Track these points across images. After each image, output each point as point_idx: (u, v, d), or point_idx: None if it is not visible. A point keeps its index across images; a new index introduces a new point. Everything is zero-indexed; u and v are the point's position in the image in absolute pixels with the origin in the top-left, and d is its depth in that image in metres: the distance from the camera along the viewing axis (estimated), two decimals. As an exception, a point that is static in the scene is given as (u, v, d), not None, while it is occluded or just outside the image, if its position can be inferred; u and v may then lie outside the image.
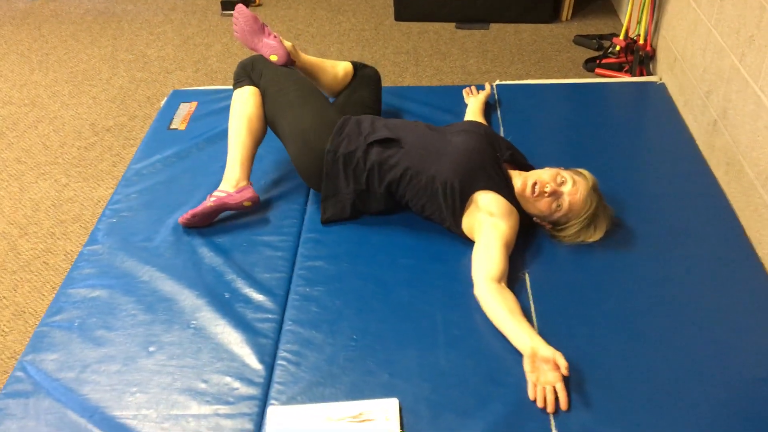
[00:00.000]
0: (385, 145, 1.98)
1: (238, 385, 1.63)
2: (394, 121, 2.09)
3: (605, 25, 3.82)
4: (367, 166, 1.97)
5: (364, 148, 1.97)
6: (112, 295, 1.89)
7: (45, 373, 1.68)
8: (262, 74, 2.18)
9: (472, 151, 1.93)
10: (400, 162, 1.95)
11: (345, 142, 2.00)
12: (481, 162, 1.91)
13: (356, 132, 2.02)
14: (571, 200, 1.88)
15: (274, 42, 2.19)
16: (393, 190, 1.99)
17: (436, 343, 1.68)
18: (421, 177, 1.93)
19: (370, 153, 1.97)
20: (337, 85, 2.38)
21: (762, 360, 1.61)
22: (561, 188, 1.89)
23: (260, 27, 2.21)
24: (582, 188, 1.89)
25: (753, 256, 1.91)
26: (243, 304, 1.84)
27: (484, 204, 1.87)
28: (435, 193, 1.92)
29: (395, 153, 1.96)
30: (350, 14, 4.13)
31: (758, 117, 1.98)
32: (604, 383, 1.56)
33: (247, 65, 2.21)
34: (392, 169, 1.96)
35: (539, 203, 1.90)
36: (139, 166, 2.41)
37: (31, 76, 3.59)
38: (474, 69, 3.46)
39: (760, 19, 1.98)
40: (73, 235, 2.50)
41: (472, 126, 2.07)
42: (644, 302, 1.78)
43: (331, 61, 2.40)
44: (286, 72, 2.20)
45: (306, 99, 2.12)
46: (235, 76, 2.23)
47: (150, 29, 4.06)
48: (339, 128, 2.03)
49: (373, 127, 2.04)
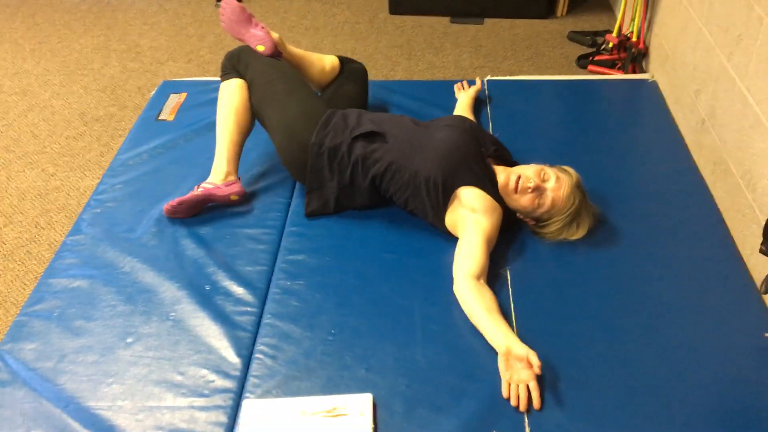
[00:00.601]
0: (369, 139, 1.97)
1: (214, 377, 1.63)
2: (380, 116, 2.08)
3: (600, 22, 3.80)
4: (351, 160, 1.96)
5: (349, 141, 1.97)
6: (92, 285, 1.89)
7: (22, 363, 1.68)
8: (249, 66, 2.17)
9: (455, 146, 1.92)
10: (384, 156, 1.94)
11: (330, 135, 1.99)
12: (464, 157, 1.91)
13: (342, 125, 2.01)
14: (554, 197, 1.87)
15: (261, 33, 2.16)
16: (377, 184, 1.98)
17: (414, 338, 1.67)
18: (404, 172, 1.92)
19: (355, 147, 1.96)
20: (323, 78, 2.37)
21: (740, 360, 1.61)
22: (544, 184, 1.88)
23: (247, 17, 2.18)
24: (566, 185, 1.88)
25: (736, 255, 1.90)
26: (223, 297, 1.84)
27: (466, 199, 1.86)
28: (418, 188, 1.91)
29: (379, 147, 1.95)
30: (345, 7, 4.12)
31: (744, 117, 1.98)
32: (581, 382, 1.56)
33: (234, 57, 2.20)
34: (376, 164, 1.95)
35: (522, 199, 1.90)
36: (126, 157, 2.40)
37: (23, 65, 3.58)
38: (467, 64, 3.45)
39: (748, 18, 1.96)
40: (58, 225, 2.49)
41: (457, 121, 2.06)
42: (625, 301, 1.77)
43: (318, 55, 2.38)
44: (273, 64, 2.18)
45: (292, 91, 2.12)
46: (222, 67, 2.22)
47: (144, 19, 4.05)
48: (325, 121, 2.02)
49: (359, 120, 2.03)
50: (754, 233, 1.87)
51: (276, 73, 2.16)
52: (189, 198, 2.04)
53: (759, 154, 1.87)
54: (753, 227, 1.88)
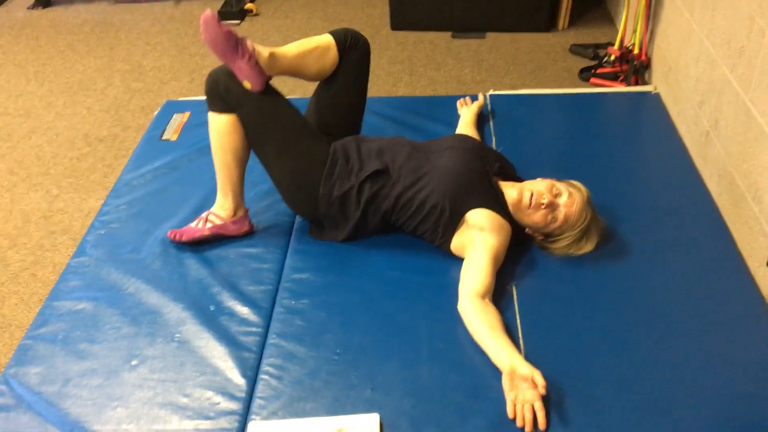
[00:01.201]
0: (375, 177, 1.94)
1: (220, 399, 1.62)
2: (378, 144, 2.01)
3: (602, 34, 3.81)
4: (362, 203, 1.94)
5: (357, 186, 1.93)
6: (97, 307, 1.88)
7: (27, 387, 1.67)
8: (240, 105, 1.93)
9: (460, 170, 1.90)
10: (392, 192, 1.92)
11: (338, 184, 1.94)
12: (470, 180, 1.89)
13: (346, 168, 1.95)
14: (567, 212, 1.87)
15: (247, 68, 1.87)
16: (387, 218, 1.97)
17: (420, 356, 1.66)
18: (412, 202, 1.91)
19: (363, 189, 1.93)
20: (322, 75, 2.10)
21: (750, 375, 1.59)
22: (557, 200, 1.87)
23: (233, 46, 1.84)
24: (578, 200, 1.88)
25: (744, 268, 1.89)
26: (228, 318, 1.83)
27: (475, 221, 1.85)
28: (427, 216, 1.90)
29: (386, 182, 1.93)
30: (346, 23, 4.13)
31: (749, 128, 1.97)
32: (587, 399, 1.54)
33: (221, 87, 1.92)
34: (385, 200, 1.93)
35: (535, 215, 1.89)
36: (130, 177, 2.40)
37: (26, 87, 3.60)
38: (469, 79, 3.45)
39: (750, 30, 1.96)
40: (62, 247, 2.49)
41: (459, 141, 2.04)
42: (632, 315, 1.76)
43: (314, 52, 2.02)
44: (265, 103, 1.95)
45: (292, 137, 1.97)
46: (207, 93, 1.96)
47: (147, 39, 4.07)
48: (330, 169, 1.95)
49: (361, 157, 1.97)
50: (761, 246, 1.86)
51: (270, 116, 1.96)
52: (200, 237, 2.03)
53: (764, 166, 1.86)
54: (760, 240, 1.87)
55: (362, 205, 1.94)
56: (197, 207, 2.20)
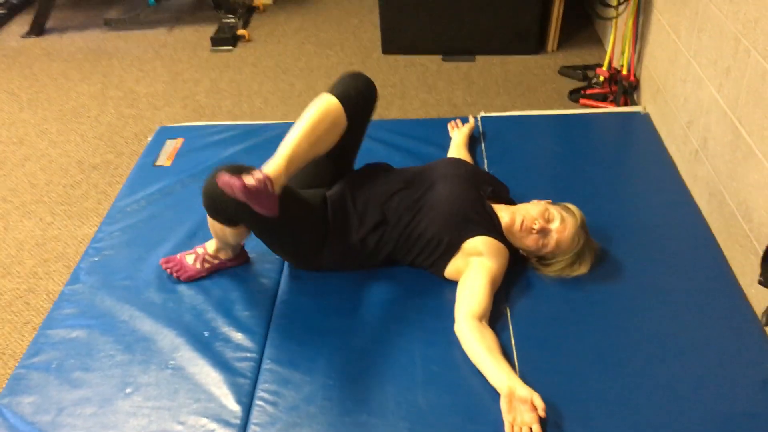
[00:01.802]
0: (375, 228, 1.92)
1: (215, 426, 1.61)
2: (370, 191, 1.96)
3: (591, 56, 3.85)
4: (365, 254, 1.95)
5: (360, 243, 1.92)
6: (91, 335, 1.88)
7: (21, 417, 1.66)
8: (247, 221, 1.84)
9: (454, 202, 1.90)
10: (391, 237, 1.92)
11: (341, 247, 1.93)
12: (464, 210, 1.89)
13: (345, 227, 1.92)
14: (559, 238, 1.87)
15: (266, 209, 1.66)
16: (388, 258, 1.98)
17: (415, 380, 1.66)
18: (410, 242, 1.91)
19: (366, 242, 1.93)
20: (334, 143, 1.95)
21: (743, 393, 1.59)
22: (549, 225, 1.88)
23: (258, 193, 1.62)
24: (570, 226, 1.88)
25: (736, 287, 1.90)
26: (222, 343, 1.83)
27: (472, 248, 1.85)
28: (423, 249, 1.91)
29: (386, 230, 1.93)
30: (338, 48, 4.17)
31: (736, 147, 1.99)
32: (583, 419, 1.55)
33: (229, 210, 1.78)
34: (385, 245, 1.93)
35: (526, 240, 1.90)
36: (123, 204, 2.40)
37: (20, 115, 3.61)
38: (460, 101, 3.48)
39: (736, 50, 1.99)
40: (56, 275, 2.49)
41: (452, 168, 2.05)
42: (626, 335, 1.76)
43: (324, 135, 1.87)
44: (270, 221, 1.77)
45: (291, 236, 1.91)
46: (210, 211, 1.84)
47: (140, 65, 4.09)
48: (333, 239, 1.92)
49: (357, 211, 1.92)
50: (752, 264, 1.87)
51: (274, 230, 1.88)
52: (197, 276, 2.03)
53: (753, 185, 1.88)
54: (751, 258, 1.88)
55: (366, 256, 1.95)
56: (191, 233, 2.20)
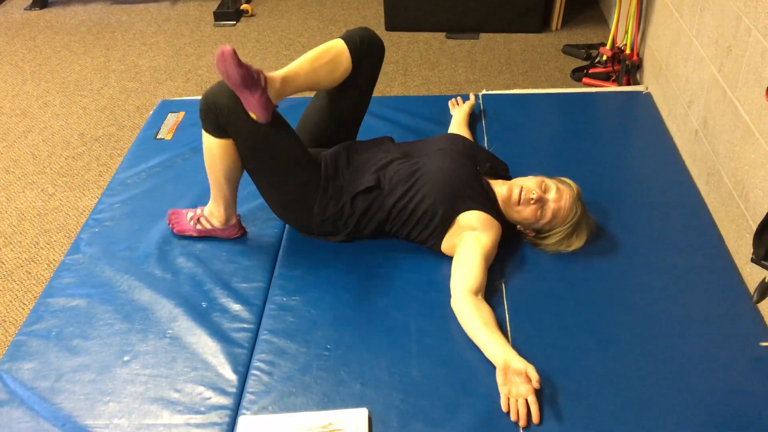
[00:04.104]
0: (367, 192, 1.94)
1: (211, 394, 1.63)
2: (367, 156, 1.99)
3: (595, 35, 3.83)
4: (355, 217, 1.96)
5: (350, 203, 1.94)
6: (90, 304, 1.90)
7: (20, 382, 1.69)
8: (236, 132, 1.84)
9: (450, 173, 1.91)
10: (385, 203, 1.93)
11: (332, 203, 1.94)
12: (460, 184, 1.90)
13: (339, 186, 1.94)
14: (556, 207, 1.88)
15: (258, 103, 1.78)
16: (381, 227, 1.99)
17: (409, 352, 1.68)
18: (404, 212, 1.92)
19: (356, 203, 1.94)
20: (334, 85, 2.02)
21: (736, 369, 1.61)
22: (546, 195, 1.89)
23: (248, 84, 1.75)
24: (567, 196, 1.89)
25: (732, 265, 1.91)
26: (219, 314, 1.85)
27: (466, 221, 1.86)
28: (419, 222, 1.92)
29: (378, 196, 1.94)
30: (341, 24, 4.15)
31: (735, 127, 1.99)
32: (577, 395, 1.56)
33: (221, 114, 1.80)
34: (378, 212, 1.95)
35: (524, 211, 1.90)
36: (124, 176, 2.42)
37: (23, 87, 3.61)
38: (462, 79, 3.47)
39: (737, 29, 1.98)
40: (57, 245, 2.51)
41: (449, 142, 2.05)
42: (620, 312, 1.78)
43: (327, 66, 1.93)
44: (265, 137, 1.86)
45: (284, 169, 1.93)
46: (204, 114, 1.84)
47: (143, 39, 4.09)
48: (323, 191, 1.94)
49: (351, 172, 1.96)
50: (747, 243, 1.88)
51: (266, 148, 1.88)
52: (189, 233, 2.09)
53: (750, 165, 1.88)
54: (746, 237, 1.88)
55: (356, 218, 1.96)
56: (191, 206, 2.21)
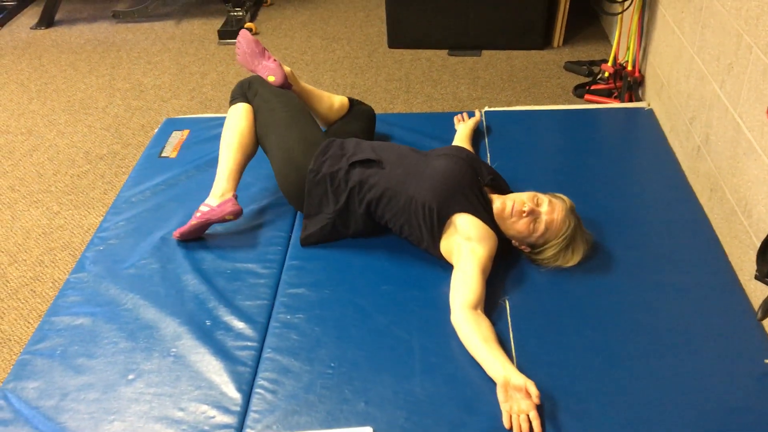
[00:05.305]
0: (366, 165, 2.01)
1: (215, 413, 1.63)
2: (378, 143, 2.13)
3: (597, 51, 3.85)
4: (348, 186, 2.00)
5: (346, 168, 2.00)
6: (95, 322, 1.90)
7: (25, 402, 1.69)
8: (257, 93, 2.25)
9: (450, 173, 1.95)
10: (380, 182, 1.97)
11: (328, 162, 2.03)
12: (459, 185, 1.93)
13: (339, 153, 2.06)
14: (549, 220, 1.89)
15: (272, 65, 2.25)
16: (372, 210, 2.00)
17: (413, 370, 1.68)
18: (400, 197, 1.94)
19: (352, 173, 2.00)
20: (331, 115, 2.45)
21: (740, 387, 1.60)
22: (538, 208, 1.90)
23: (261, 50, 2.29)
24: (559, 209, 1.91)
25: (734, 282, 1.91)
26: (224, 332, 1.85)
27: (461, 227, 1.88)
28: (413, 214, 1.93)
29: (375, 173, 1.99)
30: (344, 42, 4.18)
31: (737, 143, 1.99)
32: (580, 412, 1.56)
33: (245, 84, 2.29)
34: (372, 189, 1.98)
35: (517, 224, 1.91)
36: (129, 194, 2.43)
37: (29, 106, 3.64)
38: (465, 96, 3.49)
39: (738, 46, 1.99)
40: (62, 263, 2.52)
41: (454, 150, 2.09)
42: (623, 329, 1.77)
43: (327, 93, 2.47)
44: (281, 93, 2.26)
45: (295, 119, 2.19)
46: (232, 94, 2.30)
47: (148, 58, 4.12)
48: (323, 149, 2.07)
49: (357, 148, 2.08)
50: (751, 259, 1.88)
51: (281, 101, 2.24)
52: (188, 229, 2.11)
53: (753, 181, 1.89)
54: (750, 253, 1.88)
55: (348, 189, 1.99)
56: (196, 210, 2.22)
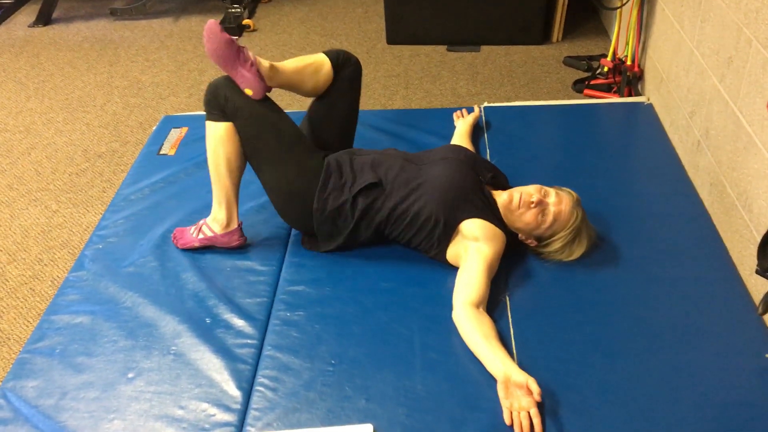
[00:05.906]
0: (369, 190, 1.95)
1: (215, 411, 1.63)
2: (371, 158, 2.04)
3: (596, 46, 3.84)
4: (355, 216, 1.96)
5: (351, 200, 1.95)
6: (94, 321, 1.90)
7: (24, 401, 1.69)
8: (238, 112, 1.97)
9: (452, 181, 1.92)
10: (386, 204, 1.94)
11: (331, 198, 1.96)
12: (463, 191, 1.91)
13: (339, 182, 1.97)
14: (557, 211, 1.89)
15: (250, 75, 1.93)
16: (381, 230, 1.99)
17: (413, 367, 1.68)
18: (406, 214, 1.93)
19: (357, 202, 1.95)
20: (318, 91, 2.17)
21: (741, 382, 1.60)
22: (546, 199, 1.89)
23: (235, 53, 1.91)
24: (566, 200, 1.91)
25: (735, 276, 1.90)
26: (224, 330, 1.84)
27: (469, 231, 1.87)
28: (421, 228, 1.92)
29: (380, 195, 1.95)
30: (343, 38, 4.17)
31: (737, 138, 1.99)
32: (581, 408, 1.56)
33: (220, 96, 1.96)
34: (379, 212, 1.95)
35: (525, 216, 1.90)
36: (127, 192, 2.43)
37: (27, 104, 3.63)
38: (464, 91, 3.48)
39: (738, 40, 1.99)
40: (61, 262, 2.51)
41: (452, 152, 2.06)
42: (624, 324, 1.77)
43: (310, 67, 2.10)
44: (263, 112, 2.00)
45: (286, 147, 2.01)
46: (207, 102, 2.00)
47: (146, 55, 4.11)
48: (323, 184, 1.97)
49: (354, 171, 1.99)
50: (751, 254, 1.87)
51: (267, 127, 2.01)
52: (190, 246, 2.10)
53: (753, 175, 1.88)
54: (750, 248, 1.88)
55: (355, 218, 1.96)
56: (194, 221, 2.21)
